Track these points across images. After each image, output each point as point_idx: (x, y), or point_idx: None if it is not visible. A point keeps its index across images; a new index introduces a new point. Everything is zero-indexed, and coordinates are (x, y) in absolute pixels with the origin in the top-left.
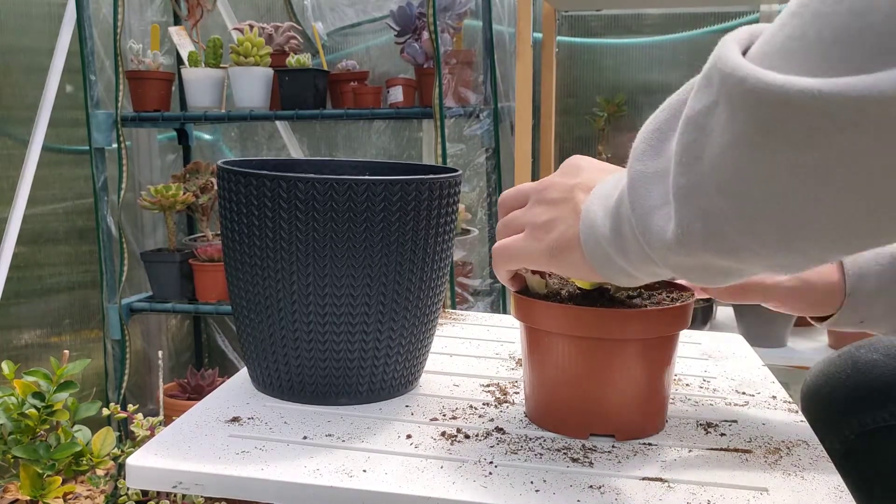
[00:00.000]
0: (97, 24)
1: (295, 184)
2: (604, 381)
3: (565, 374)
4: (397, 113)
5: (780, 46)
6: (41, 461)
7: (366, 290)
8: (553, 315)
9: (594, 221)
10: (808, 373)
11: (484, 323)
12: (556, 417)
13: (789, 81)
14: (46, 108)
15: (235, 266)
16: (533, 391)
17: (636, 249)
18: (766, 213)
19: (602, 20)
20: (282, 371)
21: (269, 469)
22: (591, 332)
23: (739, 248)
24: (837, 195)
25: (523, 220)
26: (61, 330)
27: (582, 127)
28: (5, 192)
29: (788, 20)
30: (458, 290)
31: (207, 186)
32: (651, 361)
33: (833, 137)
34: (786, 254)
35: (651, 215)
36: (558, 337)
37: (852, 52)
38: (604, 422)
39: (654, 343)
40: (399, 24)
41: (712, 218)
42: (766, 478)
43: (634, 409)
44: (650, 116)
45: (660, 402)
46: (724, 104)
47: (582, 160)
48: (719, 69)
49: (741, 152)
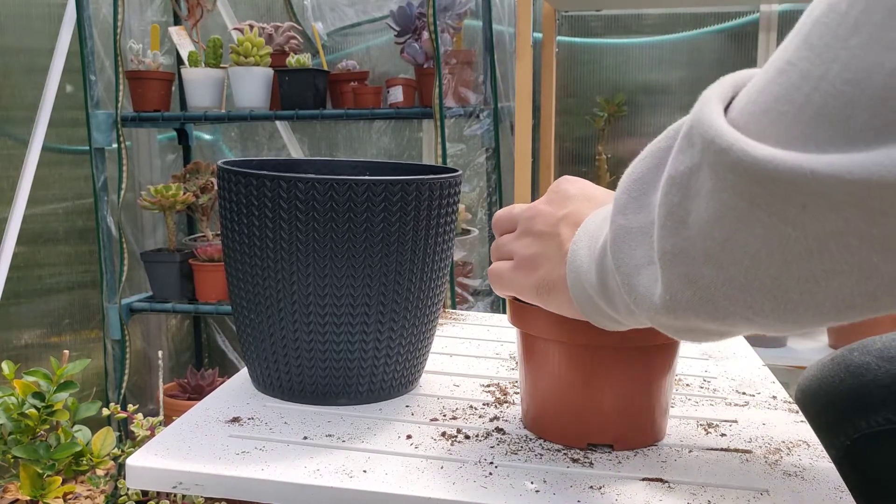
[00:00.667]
0: (97, 25)
1: (295, 184)
2: (602, 389)
3: (561, 382)
4: (397, 113)
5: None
6: (41, 461)
7: (366, 290)
8: (549, 321)
9: (580, 267)
10: (801, 377)
11: (484, 323)
12: (552, 426)
13: (777, 157)
14: (46, 109)
15: (235, 266)
16: (529, 399)
17: (622, 303)
18: (757, 285)
19: (602, 20)
20: (282, 371)
21: (269, 469)
22: (589, 339)
23: (731, 315)
24: (832, 270)
25: (511, 248)
26: (61, 330)
27: (582, 127)
28: (5, 192)
29: (775, 77)
30: (458, 290)
31: (207, 186)
32: (651, 370)
33: (826, 215)
34: (781, 323)
35: (636, 275)
36: (554, 344)
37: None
38: (602, 431)
39: (653, 351)
40: (399, 24)
41: (701, 286)
42: (767, 478)
43: (634, 419)
44: (631, 164)
45: (660, 410)
46: (708, 171)
47: (571, 185)
48: (701, 134)
49: (728, 223)
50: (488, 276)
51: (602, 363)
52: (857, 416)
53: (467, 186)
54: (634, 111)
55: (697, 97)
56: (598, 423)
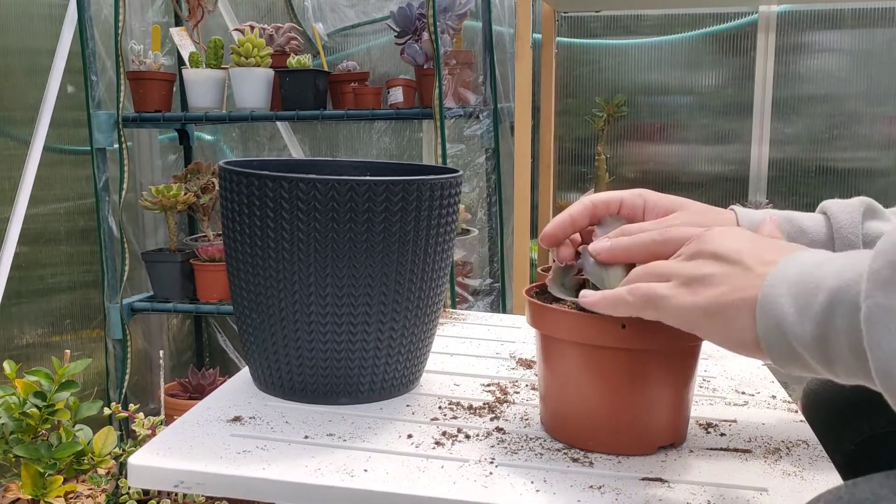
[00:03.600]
0: (98, 25)
1: (296, 184)
2: (624, 393)
3: (583, 386)
4: (397, 114)
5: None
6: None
7: (366, 289)
8: (570, 323)
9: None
10: (807, 383)
11: (484, 323)
12: (572, 431)
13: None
14: (48, 109)
15: (237, 266)
16: (548, 403)
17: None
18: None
19: (601, 21)
20: (283, 370)
21: (270, 468)
22: (611, 341)
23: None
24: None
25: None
26: (63, 330)
27: (581, 127)
28: (7, 193)
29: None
30: (458, 290)
31: (208, 187)
32: (674, 372)
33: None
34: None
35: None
36: (575, 346)
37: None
38: (626, 435)
39: (677, 353)
40: (399, 25)
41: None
42: (766, 478)
43: (655, 423)
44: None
45: (682, 414)
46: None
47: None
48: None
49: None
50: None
51: (626, 367)
52: (861, 419)
53: (467, 186)
54: (634, 112)
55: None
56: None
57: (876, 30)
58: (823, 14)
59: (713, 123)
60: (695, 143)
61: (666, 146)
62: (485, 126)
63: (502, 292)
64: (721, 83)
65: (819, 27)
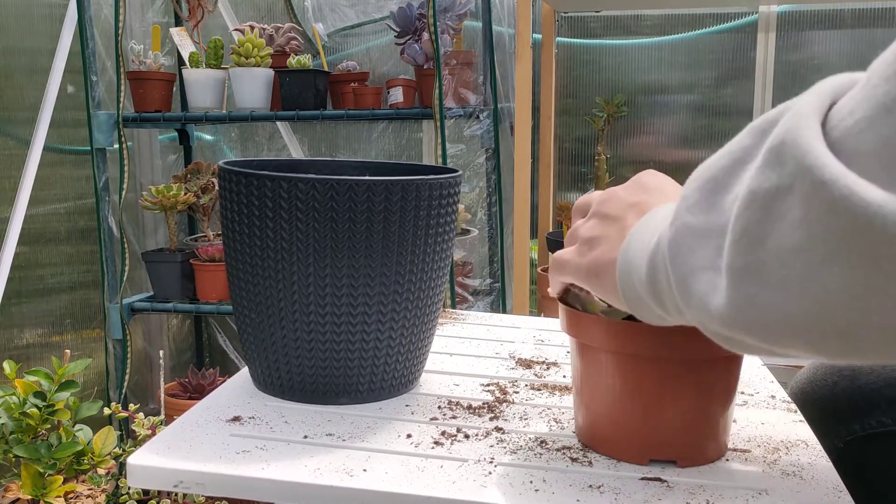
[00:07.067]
0: (98, 25)
1: (296, 184)
2: (665, 403)
3: (622, 395)
4: (397, 114)
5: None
6: (42, 460)
7: (366, 289)
8: (608, 331)
9: (632, 260)
10: (794, 379)
11: (484, 323)
12: (611, 441)
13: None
14: (48, 109)
15: (236, 266)
16: (586, 413)
17: (672, 302)
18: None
19: (601, 21)
20: (282, 370)
21: (269, 468)
22: (653, 351)
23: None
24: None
25: (579, 232)
26: (63, 329)
27: (581, 127)
28: (7, 193)
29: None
30: (458, 290)
31: (208, 187)
32: (716, 383)
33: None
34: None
35: (693, 277)
36: (613, 355)
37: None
38: (664, 447)
39: (719, 364)
40: (399, 25)
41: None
42: (766, 478)
43: (697, 434)
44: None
45: (724, 424)
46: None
47: (651, 178)
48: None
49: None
50: (550, 265)
51: (667, 376)
52: (850, 418)
53: (467, 186)
54: (634, 112)
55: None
56: (660, 439)
57: (876, 30)
58: (823, 14)
59: (713, 123)
60: (695, 143)
61: (666, 146)
62: (485, 126)
63: (502, 292)
64: (721, 83)
65: (819, 27)
